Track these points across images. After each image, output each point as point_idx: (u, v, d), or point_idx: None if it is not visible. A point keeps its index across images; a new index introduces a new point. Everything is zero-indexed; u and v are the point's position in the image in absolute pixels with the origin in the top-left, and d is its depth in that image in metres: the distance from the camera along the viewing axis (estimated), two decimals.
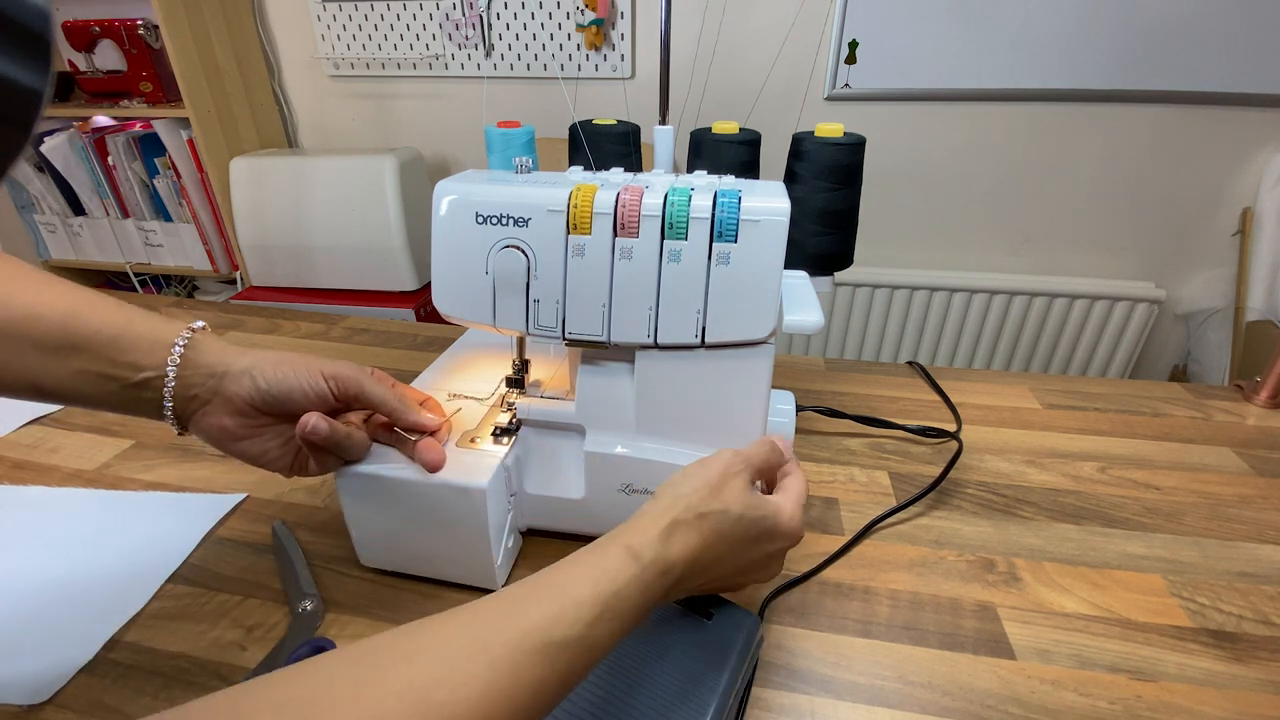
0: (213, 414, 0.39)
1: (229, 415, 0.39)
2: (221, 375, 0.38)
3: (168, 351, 0.37)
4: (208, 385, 0.38)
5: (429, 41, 1.60)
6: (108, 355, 0.36)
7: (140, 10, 1.49)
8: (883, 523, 0.53)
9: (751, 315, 0.40)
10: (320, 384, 0.40)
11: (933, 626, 0.44)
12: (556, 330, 0.42)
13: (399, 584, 0.47)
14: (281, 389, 0.39)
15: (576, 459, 0.46)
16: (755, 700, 0.39)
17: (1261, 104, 1.34)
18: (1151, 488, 0.58)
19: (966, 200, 1.54)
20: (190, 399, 0.38)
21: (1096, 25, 1.31)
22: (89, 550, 0.50)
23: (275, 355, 0.40)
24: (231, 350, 0.40)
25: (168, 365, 0.37)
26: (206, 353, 0.38)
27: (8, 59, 0.17)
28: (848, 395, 0.72)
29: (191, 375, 0.38)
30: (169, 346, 0.37)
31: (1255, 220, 1.40)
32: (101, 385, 0.36)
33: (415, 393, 0.47)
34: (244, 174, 1.50)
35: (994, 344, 1.61)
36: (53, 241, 1.75)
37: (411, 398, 0.45)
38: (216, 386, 0.38)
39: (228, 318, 0.90)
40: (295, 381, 0.39)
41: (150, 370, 0.37)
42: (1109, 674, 0.41)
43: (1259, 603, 0.46)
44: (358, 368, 0.42)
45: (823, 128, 0.57)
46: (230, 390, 0.38)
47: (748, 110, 1.35)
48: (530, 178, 0.44)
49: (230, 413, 0.39)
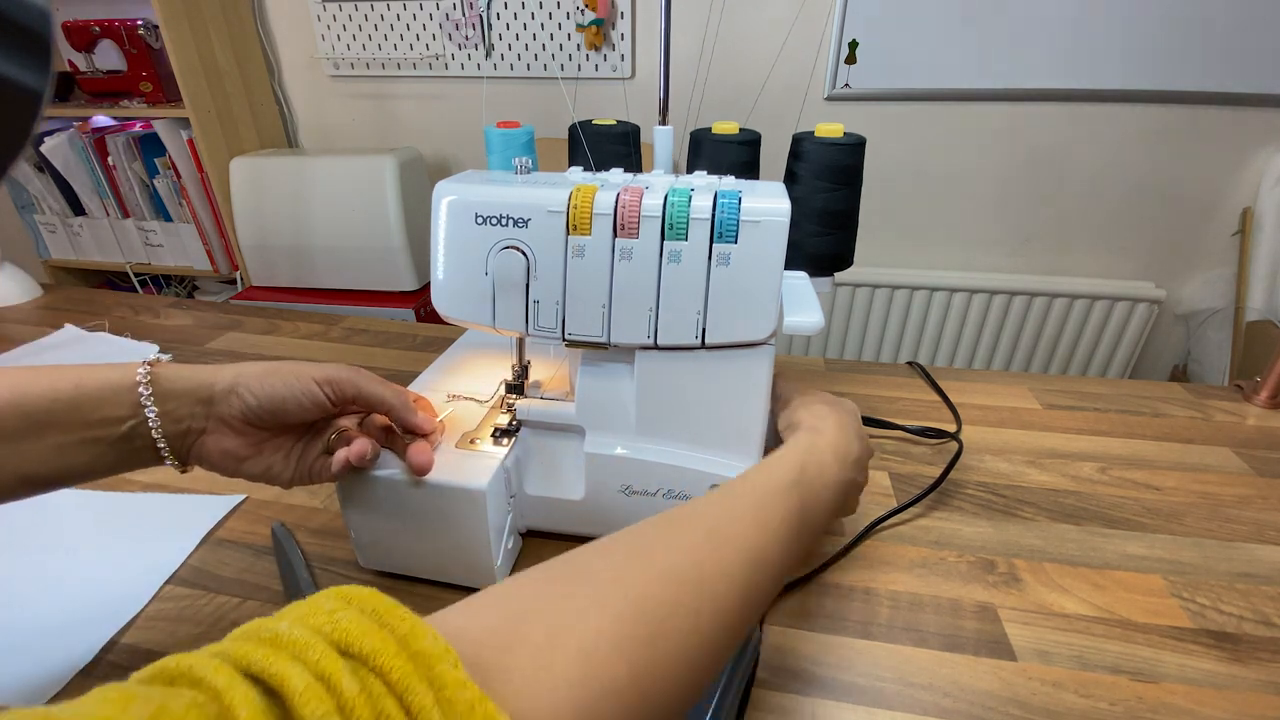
0: (211, 440, 0.38)
1: (228, 437, 0.38)
2: (208, 399, 0.37)
3: (133, 393, 0.35)
4: (196, 412, 0.37)
5: (429, 41, 1.60)
6: (77, 419, 0.34)
7: (140, 10, 1.49)
8: (883, 524, 0.53)
9: (752, 316, 0.40)
10: (314, 390, 0.39)
11: (933, 628, 0.44)
12: (556, 331, 0.42)
13: (398, 585, 0.47)
14: (273, 401, 0.38)
15: (576, 460, 0.46)
16: (755, 702, 0.39)
17: (1261, 104, 1.34)
18: (1151, 488, 0.58)
19: (966, 200, 1.54)
20: (184, 432, 0.37)
21: (1096, 25, 1.31)
22: (88, 552, 0.50)
23: (261, 367, 0.39)
24: (206, 370, 0.38)
25: (143, 405, 0.35)
26: (179, 380, 0.37)
27: (8, 59, 0.17)
28: (848, 396, 0.71)
29: (175, 407, 0.36)
30: (132, 388, 0.35)
31: (1255, 220, 1.40)
32: (89, 451, 0.35)
33: (408, 393, 0.47)
34: (244, 174, 1.50)
35: (994, 344, 1.60)
36: (53, 241, 1.75)
37: (408, 396, 0.44)
38: (206, 411, 0.37)
39: (227, 318, 0.90)
40: (288, 391, 0.38)
41: (130, 418, 0.35)
42: (1110, 675, 0.41)
43: (1259, 603, 0.46)
44: (350, 369, 0.41)
45: (823, 128, 0.57)
46: (222, 411, 0.37)
47: (748, 110, 1.35)
48: (530, 178, 0.44)
49: (229, 434, 0.38)
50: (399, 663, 0.18)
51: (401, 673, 0.17)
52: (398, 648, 0.18)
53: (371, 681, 0.17)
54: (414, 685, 0.17)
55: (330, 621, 0.18)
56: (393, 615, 0.19)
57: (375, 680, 0.17)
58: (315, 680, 0.16)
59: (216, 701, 0.15)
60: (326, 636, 0.18)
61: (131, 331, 0.85)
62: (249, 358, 0.79)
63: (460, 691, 0.18)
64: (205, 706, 0.15)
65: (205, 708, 0.15)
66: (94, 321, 0.86)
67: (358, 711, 0.16)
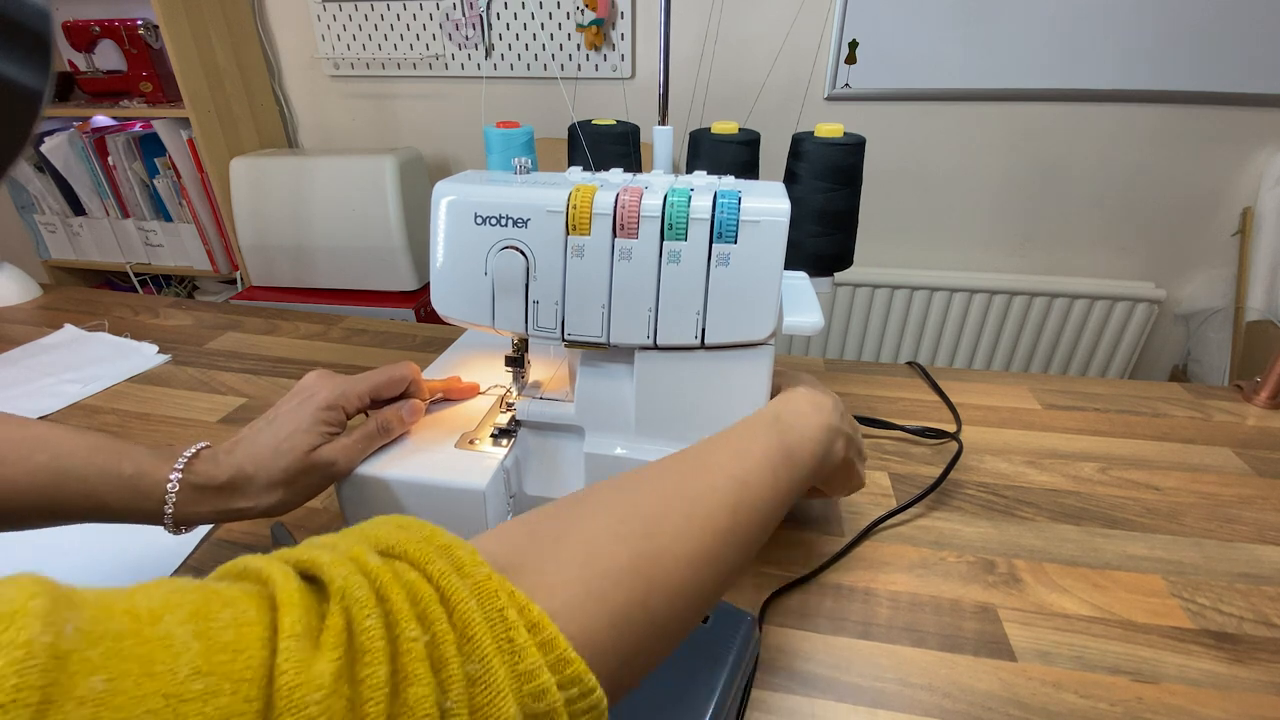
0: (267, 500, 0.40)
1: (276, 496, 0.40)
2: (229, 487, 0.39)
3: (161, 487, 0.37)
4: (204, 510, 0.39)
5: (429, 41, 1.59)
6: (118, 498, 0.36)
7: (140, 10, 1.49)
8: (883, 524, 0.53)
9: (751, 316, 0.40)
10: (321, 426, 0.41)
11: (933, 628, 0.44)
12: (556, 331, 0.42)
13: None
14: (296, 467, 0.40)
15: (576, 460, 0.46)
16: (755, 702, 0.39)
17: (1261, 104, 1.34)
18: (1152, 488, 0.58)
19: (966, 200, 1.54)
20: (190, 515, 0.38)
21: (1096, 25, 1.31)
22: (86, 551, 0.50)
23: (269, 450, 0.39)
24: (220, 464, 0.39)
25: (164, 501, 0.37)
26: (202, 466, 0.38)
27: (8, 59, 0.17)
28: (848, 396, 0.72)
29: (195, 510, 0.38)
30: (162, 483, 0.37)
31: (1255, 220, 1.40)
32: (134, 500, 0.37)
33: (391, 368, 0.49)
34: (244, 174, 1.50)
35: (994, 344, 1.60)
36: (53, 241, 1.75)
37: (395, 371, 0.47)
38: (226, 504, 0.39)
39: (227, 318, 0.90)
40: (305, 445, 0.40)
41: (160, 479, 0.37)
42: (1110, 675, 0.41)
43: (1260, 604, 0.46)
44: (344, 380, 0.43)
45: (822, 128, 0.57)
46: (258, 489, 0.39)
47: (747, 110, 1.35)
48: (529, 178, 0.44)
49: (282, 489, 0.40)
50: (423, 549, 0.20)
51: (424, 555, 0.20)
52: (422, 540, 0.21)
53: (398, 563, 0.20)
54: (435, 560, 0.20)
55: (365, 529, 0.22)
56: (418, 524, 0.22)
57: (401, 562, 0.20)
58: (344, 558, 0.19)
59: (260, 580, 0.18)
60: (361, 536, 0.22)
61: (131, 331, 0.84)
62: (249, 357, 0.79)
63: (478, 568, 0.20)
64: (246, 584, 0.18)
65: (246, 585, 0.18)
66: (94, 321, 0.86)
67: (382, 577, 0.19)
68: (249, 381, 0.74)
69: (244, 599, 0.17)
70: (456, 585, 0.19)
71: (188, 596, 0.17)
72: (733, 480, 0.31)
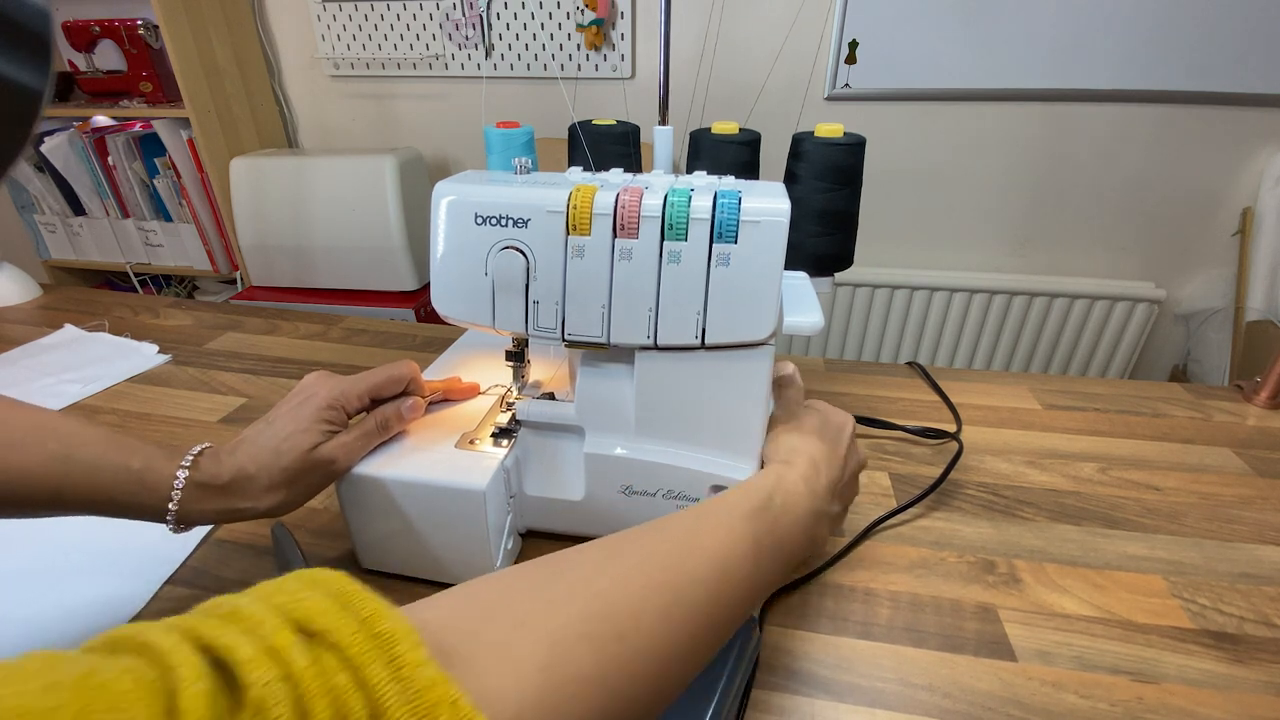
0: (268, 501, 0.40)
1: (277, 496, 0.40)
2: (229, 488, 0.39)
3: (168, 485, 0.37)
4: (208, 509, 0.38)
5: (429, 41, 1.60)
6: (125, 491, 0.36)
7: (140, 10, 1.49)
8: (883, 524, 0.53)
9: (751, 316, 0.40)
10: (328, 425, 0.41)
11: (933, 628, 0.44)
12: (556, 332, 0.42)
13: (398, 585, 0.47)
14: (298, 466, 0.40)
15: (576, 460, 0.46)
16: (755, 702, 0.39)
17: (1261, 104, 1.34)
18: (1152, 488, 0.58)
19: (967, 200, 1.54)
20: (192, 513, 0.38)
21: (1096, 25, 1.31)
22: (86, 551, 0.50)
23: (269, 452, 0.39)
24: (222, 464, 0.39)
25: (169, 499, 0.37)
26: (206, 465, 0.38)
27: (8, 59, 0.17)
28: (848, 396, 0.72)
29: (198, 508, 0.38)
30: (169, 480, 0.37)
31: (1255, 220, 1.40)
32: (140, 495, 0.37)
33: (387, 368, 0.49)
34: (244, 174, 1.50)
35: (994, 344, 1.60)
36: (53, 241, 1.75)
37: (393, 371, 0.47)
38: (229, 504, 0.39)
39: (227, 318, 0.90)
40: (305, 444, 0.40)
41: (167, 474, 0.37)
42: (1110, 676, 0.41)
43: (1260, 604, 0.46)
44: (343, 380, 0.43)
45: (822, 128, 0.57)
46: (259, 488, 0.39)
47: (747, 110, 1.35)
48: (529, 178, 0.44)
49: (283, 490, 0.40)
50: (357, 640, 0.17)
51: (358, 650, 0.17)
52: (357, 627, 0.18)
53: (326, 657, 0.17)
54: (370, 662, 0.17)
55: (292, 600, 0.18)
56: (357, 598, 0.19)
57: (330, 656, 0.17)
58: (264, 652, 0.16)
59: (160, 666, 0.15)
60: (285, 613, 0.18)
61: (131, 331, 0.84)
62: (249, 358, 0.79)
63: (419, 670, 0.17)
64: (140, 671, 0.15)
65: (140, 672, 0.15)
66: (94, 321, 0.86)
67: (306, 683, 0.16)
68: (249, 381, 0.74)
69: (135, 700, 0.14)
70: (392, 699, 0.17)
71: (63, 696, 0.14)
72: (717, 570, 0.29)
